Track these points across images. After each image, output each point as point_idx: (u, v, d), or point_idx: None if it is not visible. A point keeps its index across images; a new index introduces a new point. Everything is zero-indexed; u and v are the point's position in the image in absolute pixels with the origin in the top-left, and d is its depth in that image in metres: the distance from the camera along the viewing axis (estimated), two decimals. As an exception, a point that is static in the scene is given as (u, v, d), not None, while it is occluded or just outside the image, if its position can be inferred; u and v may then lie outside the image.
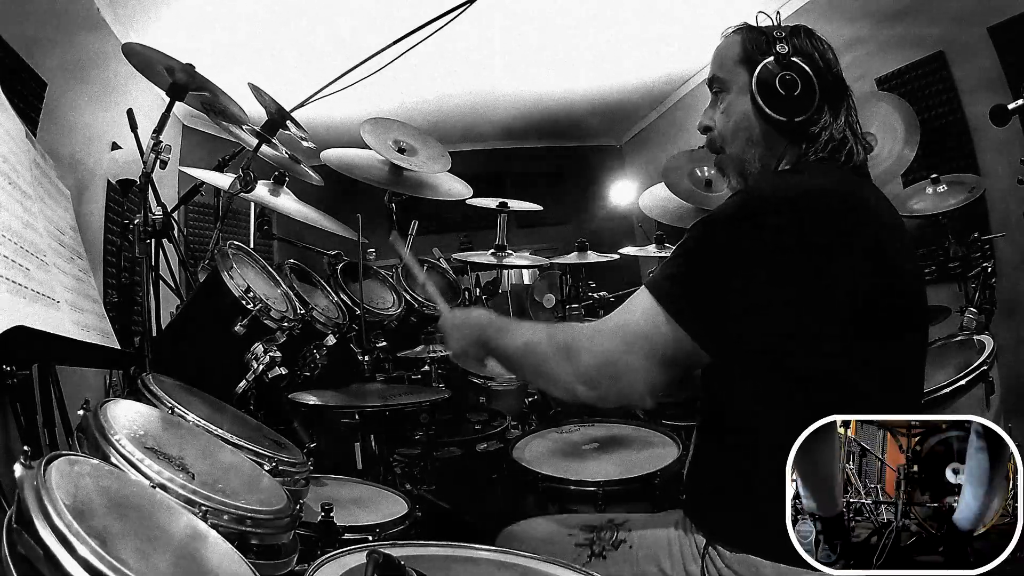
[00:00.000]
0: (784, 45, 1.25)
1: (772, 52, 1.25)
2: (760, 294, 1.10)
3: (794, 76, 1.23)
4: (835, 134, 1.25)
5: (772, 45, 1.26)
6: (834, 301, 1.11)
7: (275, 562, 1.10)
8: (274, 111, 2.13)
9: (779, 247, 1.10)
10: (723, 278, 1.12)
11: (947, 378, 2.02)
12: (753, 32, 1.30)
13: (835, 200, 1.17)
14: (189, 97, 2.09)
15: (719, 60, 1.34)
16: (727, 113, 1.33)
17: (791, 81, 1.23)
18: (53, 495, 0.73)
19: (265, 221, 3.13)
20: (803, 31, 1.29)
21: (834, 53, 1.30)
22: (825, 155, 1.25)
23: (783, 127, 1.26)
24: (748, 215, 1.15)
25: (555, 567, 1.20)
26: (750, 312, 1.11)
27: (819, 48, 1.27)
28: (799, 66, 1.24)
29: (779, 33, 1.27)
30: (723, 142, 1.35)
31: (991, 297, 2.48)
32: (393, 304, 2.79)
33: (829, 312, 1.11)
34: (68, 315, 1.34)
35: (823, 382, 1.11)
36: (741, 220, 1.15)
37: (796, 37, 1.27)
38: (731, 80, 1.32)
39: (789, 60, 1.24)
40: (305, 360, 2.11)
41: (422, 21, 1.88)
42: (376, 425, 2.30)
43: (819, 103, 1.24)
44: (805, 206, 1.14)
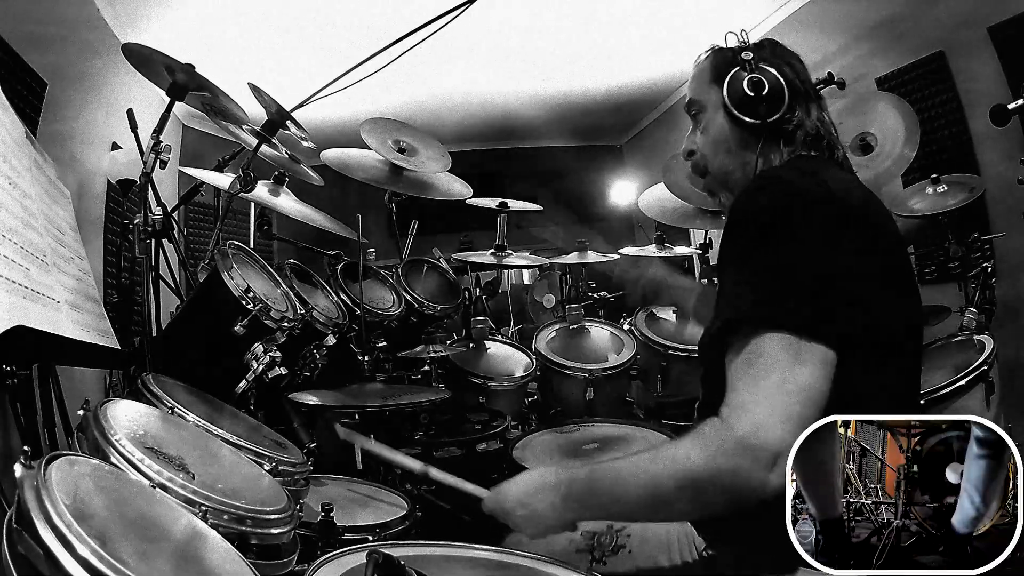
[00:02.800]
0: (749, 52, 1.29)
1: (738, 61, 1.29)
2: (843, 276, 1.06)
3: (760, 78, 1.26)
4: (809, 129, 1.27)
5: (737, 55, 1.29)
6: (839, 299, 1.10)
7: (275, 562, 1.10)
8: (274, 111, 2.13)
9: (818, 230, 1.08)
10: (818, 271, 1.05)
11: (947, 378, 2.02)
12: (721, 52, 1.34)
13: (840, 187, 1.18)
14: (189, 97, 2.09)
15: (694, 85, 1.38)
16: (706, 132, 1.35)
17: (759, 83, 1.25)
18: (53, 495, 0.73)
19: (265, 221, 3.14)
20: (767, 44, 1.33)
21: (802, 63, 1.33)
22: (805, 149, 1.27)
23: (757, 130, 1.28)
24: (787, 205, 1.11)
25: (555, 567, 1.20)
26: (846, 302, 1.05)
27: (785, 57, 1.31)
28: (765, 70, 1.27)
29: (744, 44, 1.31)
30: (706, 161, 1.36)
31: (991, 297, 2.49)
32: (393, 304, 2.79)
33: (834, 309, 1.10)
34: (68, 315, 1.34)
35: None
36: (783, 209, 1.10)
37: (761, 50, 1.31)
38: (705, 100, 1.35)
39: (756, 66, 1.27)
40: (305, 360, 2.11)
41: (422, 21, 1.88)
42: (376, 425, 2.30)
43: (789, 103, 1.27)
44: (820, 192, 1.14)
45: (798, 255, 1.07)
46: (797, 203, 1.11)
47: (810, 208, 1.10)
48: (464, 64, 5.00)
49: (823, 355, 1.01)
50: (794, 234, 1.08)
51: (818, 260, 1.06)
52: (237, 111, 2.16)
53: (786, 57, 1.31)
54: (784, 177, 1.21)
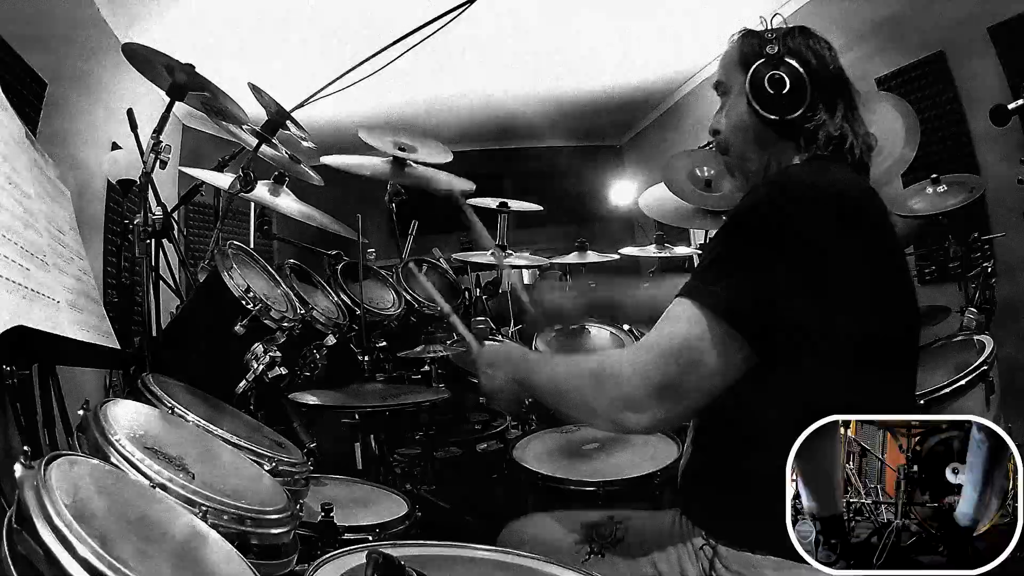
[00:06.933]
0: (774, 46, 1.27)
1: (764, 54, 1.28)
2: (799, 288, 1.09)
3: (783, 75, 1.25)
4: (832, 131, 1.26)
5: (764, 47, 1.28)
6: (839, 300, 1.11)
7: (275, 562, 1.10)
8: (274, 111, 2.13)
9: (808, 239, 1.11)
10: (765, 273, 1.10)
11: (947, 378, 2.01)
12: (749, 36, 1.34)
13: (850, 194, 1.18)
14: (189, 97, 2.09)
15: (723, 64, 1.38)
16: (728, 115, 1.36)
17: (779, 80, 1.25)
18: (53, 495, 0.73)
19: (265, 221, 3.14)
20: (798, 31, 1.31)
21: (832, 50, 1.31)
22: (827, 153, 1.26)
23: (777, 126, 1.28)
24: (775, 208, 1.15)
25: (555, 567, 1.20)
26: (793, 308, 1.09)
27: (813, 47, 1.29)
28: (790, 65, 1.25)
29: (771, 35, 1.30)
30: (727, 144, 1.38)
31: (991, 297, 2.48)
32: (393, 304, 2.79)
33: (834, 311, 1.11)
34: (68, 315, 1.34)
35: (823, 382, 1.11)
36: (769, 213, 1.14)
37: (790, 38, 1.29)
38: (731, 83, 1.35)
39: (780, 60, 1.26)
40: (305, 360, 2.11)
41: (422, 21, 1.88)
42: (376, 425, 2.30)
43: (812, 101, 1.26)
44: (825, 198, 1.15)
45: (758, 259, 1.11)
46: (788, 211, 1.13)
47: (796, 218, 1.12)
48: (464, 64, 5.00)
49: (725, 334, 1.09)
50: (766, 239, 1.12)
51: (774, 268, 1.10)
52: (237, 111, 2.15)
53: (816, 48, 1.29)
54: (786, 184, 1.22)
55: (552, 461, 2.07)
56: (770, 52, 1.27)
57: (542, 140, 7.45)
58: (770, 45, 1.27)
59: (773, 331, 1.10)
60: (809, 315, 1.10)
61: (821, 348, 1.11)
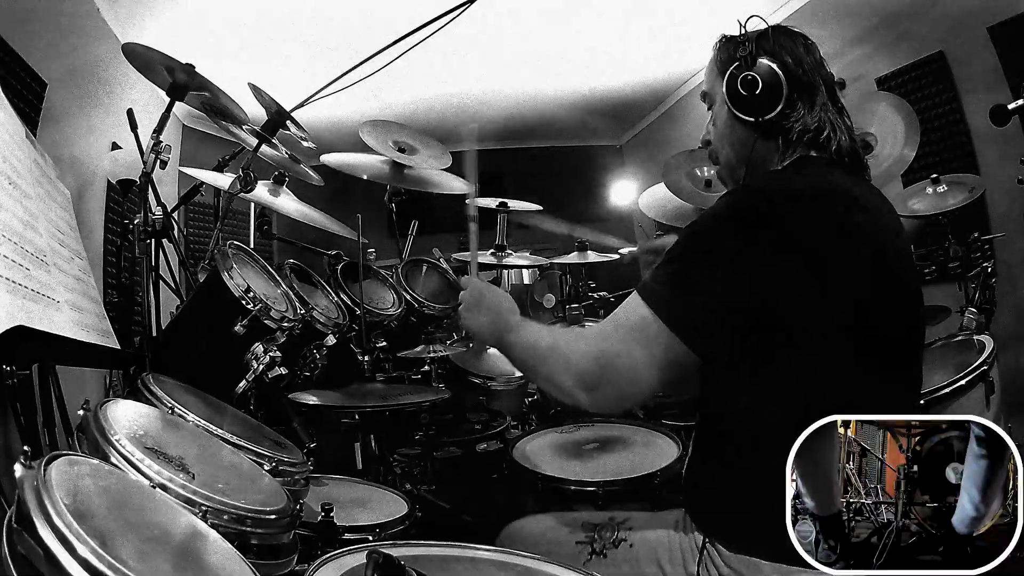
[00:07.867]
0: (746, 47, 1.28)
1: (736, 57, 1.29)
2: (746, 294, 1.11)
3: (756, 76, 1.25)
4: (809, 124, 1.26)
5: (737, 50, 1.29)
6: (827, 300, 1.11)
7: (275, 562, 1.10)
8: (274, 111, 2.13)
9: (765, 246, 1.12)
10: (710, 280, 1.14)
11: (947, 378, 2.01)
12: (726, 43, 1.34)
13: (821, 198, 1.18)
14: (189, 97, 2.09)
15: (706, 75, 1.39)
16: (715, 124, 1.38)
17: (752, 81, 1.26)
18: (53, 495, 0.73)
19: (265, 221, 3.13)
20: (772, 31, 1.31)
21: (810, 46, 1.31)
22: (804, 149, 1.26)
23: (757, 127, 1.28)
24: (733, 215, 1.17)
25: (555, 567, 1.20)
26: (736, 312, 1.13)
27: (787, 45, 1.29)
28: (764, 66, 1.26)
29: (744, 37, 1.30)
30: (716, 153, 1.40)
31: (991, 297, 2.48)
32: (393, 304, 2.79)
33: (824, 311, 1.11)
34: (68, 315, 1.34)
35: (822, 382, 1.11)
36: (726, 220, 1.17)
37: (763, 39, 1.29)
38: (714, 92, 1.37)
39: (754, 61, 1.27)
40: (305, 360, 2.10)
41: (422, 21, 1.88)
42: (376, 425, 2.29)
43: (789, 98, 1.26)
44: (790, 204, 1.16)
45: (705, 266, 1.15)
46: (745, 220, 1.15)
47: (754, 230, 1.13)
48: (464, 64, 5.00)
49: (660, 331, 1.15)
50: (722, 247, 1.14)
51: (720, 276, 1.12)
52: (237, 111, 2.16)
53: (790, 46, 1.29)
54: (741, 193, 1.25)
55: (552, 461, 2.07)
56: (741, 55, 1.28)
57: (542, 140, 7.45)
58: (742, 47, 1.28)
59: (712, 334, 1.14)
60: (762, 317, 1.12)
61: (806, 348, 1.12)
